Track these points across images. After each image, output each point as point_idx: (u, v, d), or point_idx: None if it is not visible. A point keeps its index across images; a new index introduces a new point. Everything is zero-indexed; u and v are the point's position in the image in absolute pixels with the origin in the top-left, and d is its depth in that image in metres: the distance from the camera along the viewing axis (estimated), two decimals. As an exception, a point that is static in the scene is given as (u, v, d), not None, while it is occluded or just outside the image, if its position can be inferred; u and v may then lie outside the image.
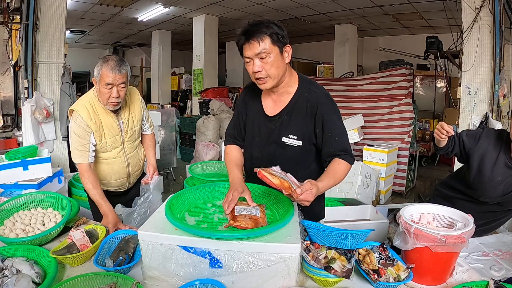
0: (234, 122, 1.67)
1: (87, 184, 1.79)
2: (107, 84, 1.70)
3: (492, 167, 1.65)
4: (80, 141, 1.78)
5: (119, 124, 1.89)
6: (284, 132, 1.47)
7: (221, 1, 6.09)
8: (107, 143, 1.87)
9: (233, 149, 1.64)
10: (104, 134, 1.84)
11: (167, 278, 1.16)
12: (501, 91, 3.34)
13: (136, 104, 1.97)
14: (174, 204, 1.35)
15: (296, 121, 1.46)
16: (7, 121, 3.89)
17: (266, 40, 1.31)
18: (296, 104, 1.46)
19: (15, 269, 1.21)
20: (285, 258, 1.10)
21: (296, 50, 9.92)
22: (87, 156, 1.80)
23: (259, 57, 1.32)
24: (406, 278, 1.19)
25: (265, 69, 1.34)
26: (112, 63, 1.69)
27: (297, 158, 1.50)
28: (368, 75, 5.44)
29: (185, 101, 8.68)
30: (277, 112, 1.50)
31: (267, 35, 1.31)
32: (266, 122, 1.52)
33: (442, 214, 1.40)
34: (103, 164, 1.93)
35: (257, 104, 1.55)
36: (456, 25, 5.09)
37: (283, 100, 1.49)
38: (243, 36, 1.33)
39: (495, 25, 3.26)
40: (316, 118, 1.43)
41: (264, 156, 1.54)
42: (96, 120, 1.80)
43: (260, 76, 1.36)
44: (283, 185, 1.21)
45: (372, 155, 4.36)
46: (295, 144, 1.47)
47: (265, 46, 1.31)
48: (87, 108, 1.79)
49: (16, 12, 3.40)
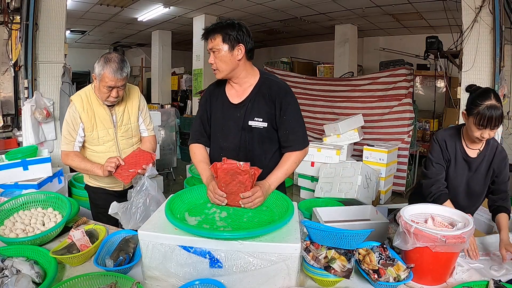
0: (200, 118, 1.74)
1: (74, 161, 1.86)
2: (108, 87, 1.74)
3: (455, 165, 1.73)
4: (69, 129, 1.85)
5: (112, 118, 1.90)
6: (250, 117, 1.61)
7: (221, 1, 6.09)
8: (99, 135, 1.89)
9: (199, 148, 1.72)
10: (96, 125, 1.87)
11: (167, 278, 1.16)
12: (501, 91, 3.34)
13: (134, 101, 1.97)
14: (174, 204, 1.35)
15: (259, 105, 1.61)
16: (7, 121, 3.89)
17: (217, 39, 1.50)
18: (258, 91, 1.62)
19: (15, 269, 1.21)
20: (285, 258, 1.10)
21: (296, 50, 9.93)
22: (73, 146, 1.87)
23: (212, 52, 1.54)
24: (406, 278, 1.20)
25: (215, 62, 1.54)
26: (114, 65, 1.71)
27: (263, 140, 1.63)
28: (368, 75, 5.44)
29: (185, 101, 8.67)
30: (241, 100, 1.63)
31: (219, 34, 1.50)
32: (232, 110, 1.64)
33: (442, 214, 1.40)
34: (94, 158, 1.92)
35: (222, 96, 1.68)
36: (456, 25, 5.08)
37: (246, 89, 1.64)
38: (203, 35, 1.55)
39: (495, 25, 3.26)
40: (276, 103, 1.60)
41: (233, 144, 1.64)
42: (88, 111, 1.84)
43: (212, 67, 1.57)
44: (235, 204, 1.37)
45: (372, 155, 4.36)
46: (260, 126, 1.61)
47: (215, 44, 1.51)
48: (82, 98, 1.85)
49: (16, 12, 3.39)
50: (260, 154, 1.64)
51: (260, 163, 1.51)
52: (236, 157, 1.59)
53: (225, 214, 1.33)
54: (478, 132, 1.57)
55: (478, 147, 1.71)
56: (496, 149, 1.70)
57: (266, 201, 1.44)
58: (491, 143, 1.70)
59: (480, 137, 1.58)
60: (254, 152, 1.63)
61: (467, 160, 1.71)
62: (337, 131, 4.66)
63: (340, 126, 4.63)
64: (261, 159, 1.63)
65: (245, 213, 1.34)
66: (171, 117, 5.74)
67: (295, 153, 1.60)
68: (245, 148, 1.63)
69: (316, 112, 5.69)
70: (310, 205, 3.30)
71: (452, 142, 1.73)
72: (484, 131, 1.55)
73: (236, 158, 1.56)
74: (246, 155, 1.63)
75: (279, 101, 1.59)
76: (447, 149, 1.73)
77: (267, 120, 1.60)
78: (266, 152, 1.65)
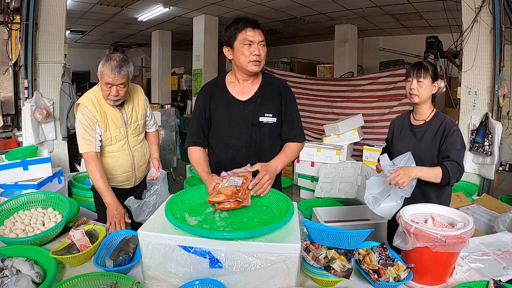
0: (198, 119, 1.73)
1: (95, 173, 1.81)
2: (106, 83, 1.76)
3: (399, 134, 1.90)
4: (87, 130, 1.83)
5: (123, 116, 1.94)
6: (260, 113, 1.66)
7: (221, 1, 6.08)
8: (112, 134, 1.91)
9: (196, 151, 1.71)
10: (108, 125, 1.89)
11: (167, 278, 1.16)
12: (501, 91, 3.35)
13: (140, 99, 2.03)
14: (174, 204, 1.35)
15: (268, 101, 1.67)
16: (7, 121, 3.88)
17: (263, 33, 1.59)
18: (265, 87, 1.69)
19: (15, 269, 1.21)
20: (285, 258, 1.10)
21: (296, 50, 9.92)
22: (94, 145, 1.84)
23: (261, 43, 1.57)
24: (406, 278, 1.19)
25: (262, 55, 1.58)
26: (113, 63, 1.74)
27: (273, 134, 1.69)
28: (368, 75, 5.44)
29: (185, 101, 8.67)
30: (249, 97, 1.67)
31: (264, 31, 1.60)
32: (239, 107, 1.67)
33: (442, 214, 1.40)
34: (107, 158, 1.96)
35: (225, 94, 1.69)
36: (456, 25, 5.07)
37: (252, 87, 1.69)
38: (250, 23, 1.56)
39: (495, 25, 3.26)
40: (282, 99, 1.68)
41: (241, 140, 1.66)
42: (101, 111, 1.86)
43: (257, 59, 1.58)
44: (228, 196, 1.32)
45: (372, 155, 4.35)
46: (271, 121, 1.67)
47: (264, 38, 1.58)
48: (92, 100, 1.86)
49: (16, 12, 3.39)
50: (271, 148, 1.69)
51: (271, 157, 1.61)
52: (246, 153, 1.65)
53: (225, 214, 1.32)
54: (408, 86, 1.78)
55: (423, 118, 1.82)
56: (444, 120, 1.77)
57: (266, 201, 1.44)
58: (439, 115, 1.81)
59: (410, 90, 1.77)
60: (265, 147, 1.68)
61: (412, 129, 1.85)
62: (337, 131, 4.66)
63: (340, 126, 4.63)
64: (272, 153, 1.67)
65: (245, 213, 1.34)
66: (171, 117, 5.74)
67: (296, 143, 1.70)
68: (256, 143, 1.67)
69: (316, 112, 5.68)
70: (310, 205, 3.31)
71: (401, 118, 1.96)
72: (412, 83, 1.75)
73: (245, 154, 1.64)
74: (257, 151, 1.66)
75: (284, 97, 1.68)
76: (394, 125, 1.96)
77: (276, 115, 1.67)
78: (276, 146, 1.72)
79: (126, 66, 1.77)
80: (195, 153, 1.71)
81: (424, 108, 1.81)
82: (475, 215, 2.62)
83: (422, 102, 1.78)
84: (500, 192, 3.97)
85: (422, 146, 1.78)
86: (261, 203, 1.43)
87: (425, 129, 1.80)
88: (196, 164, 1.67)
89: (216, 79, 1.78)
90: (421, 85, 1.74)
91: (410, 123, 1.87)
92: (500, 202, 2.91)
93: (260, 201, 1.44)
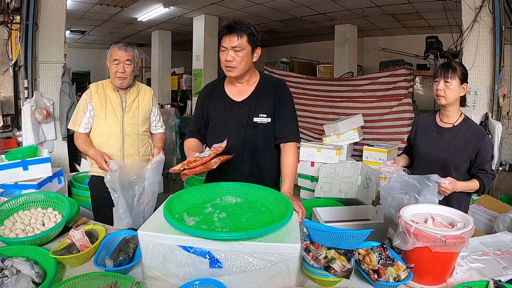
0: (196, 117, 1.77)
1: (78, 140, 2.05)
2: (114, 60, 1.98)
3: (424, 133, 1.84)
4: (79, 107, 2.07)
5: (122, 104, 2.09)
6: (254, 113, 1.67)
7: (221, 1, 6.08)
8: (106, 114, 2.06)
9: (191, 140, 1.74)
10: (105, 106, 2.06)
11: (167, 278, 1.16)
12: (501, 91, 3.35)
13: (146, 96, 2.18)
14: (173, 204, 1.35)
15: (262, 102, 1.68)
16: (7, 121, 3.88)
17: (244, 38, 1.54)
18: (261, 89, 1.69)
19: (15, 269, 1.21)
20: (285, 258, 1.10)
21: (296, 50, 9.92)
22: (78, 124, 2.06)
23: (234, 50, 1.55)
24: (406, 278, 1.20)
25: (235, 60, 1.56)
26: (120, 44, 2.02)
27: (267, 135, 1.69)
28: (368, 75, 5.44)
29: (185, 101, 8.66)
30: (245, 98, 1.69)
31: (245, 34, 1.54)
32: (235, 108, 1.69)
33: (442, 214, 1.40)
34: (98, 138, 2.08)
35: (223, 95, 1.72)
36: (456, 25, 5.09)
37: (248, 88, 1.70)
38: (226, 29, 1.55)
39: (495, 25, 3.26)
40: (276, 98, 1.68)
41: (236, 141, 1.66)
42: (101, 94, 2.07)
43: (229, 65, 1.57)
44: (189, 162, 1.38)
45: (372, 155, 4.36)
46: (265, 122, 1.67)
47: (241, 42, 1.54)
48: (98, 85, 2.11)
49: (16, 12, 3.39)
50: (265, 149, 1.70)
51: (264, 158, 1.64)
52: (240, 153, 1.65)
53: (224, 215, 1.32)
54: (435, 86, 1.72)
55: (451, 122, 1.77)
56: (475, 128, 1.75)
57: (266, 201, 1.44)
58: (469, 122, 1.77)
59: (436, 91, 1.72)
60: (258, 148, 1.69)
61: (439, 131, 1.79)
62: (337, 131, 4.66)
63: (340, 126, 4.63)
64: (266, 153, 1.69)
65: (244, 214, 1.34)
66: (171, 117, 5.74)
67: (291, 151, 1.67)
68: (250, 144, 1.67)
69: (316, 112, 5.69)
70: (310, 205, 3.30)
71: (426, 118, 1.89)
72: (439, 84, 1.70)
73: (240, 154, 1.65)
74: (251, 151, 1.67)
75: (279, 96, 1.68)
76: (418, 125, 1.90)
77: (270, 115, 1.67)
78: (270, 146, 1.71)
79: (131, 47, 2.01)
80: (189, 142, 1.73)
81: (451, 110, 1.75)
82: (475, 215, 2.63)
83: (449, 104, 1.72)
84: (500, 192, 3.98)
85: (452, 151, 1.73)
86: (261, 203, 1.43)
87: (453, 133, 1.74)
88: (187, 150, 1.66)
89: (216, 81, 1.81)
90: (448, 86, 1.68)
91: (437, 124, 1.81)
92: (500, 202, 2.91)
93: (259, 201, 1.44)
